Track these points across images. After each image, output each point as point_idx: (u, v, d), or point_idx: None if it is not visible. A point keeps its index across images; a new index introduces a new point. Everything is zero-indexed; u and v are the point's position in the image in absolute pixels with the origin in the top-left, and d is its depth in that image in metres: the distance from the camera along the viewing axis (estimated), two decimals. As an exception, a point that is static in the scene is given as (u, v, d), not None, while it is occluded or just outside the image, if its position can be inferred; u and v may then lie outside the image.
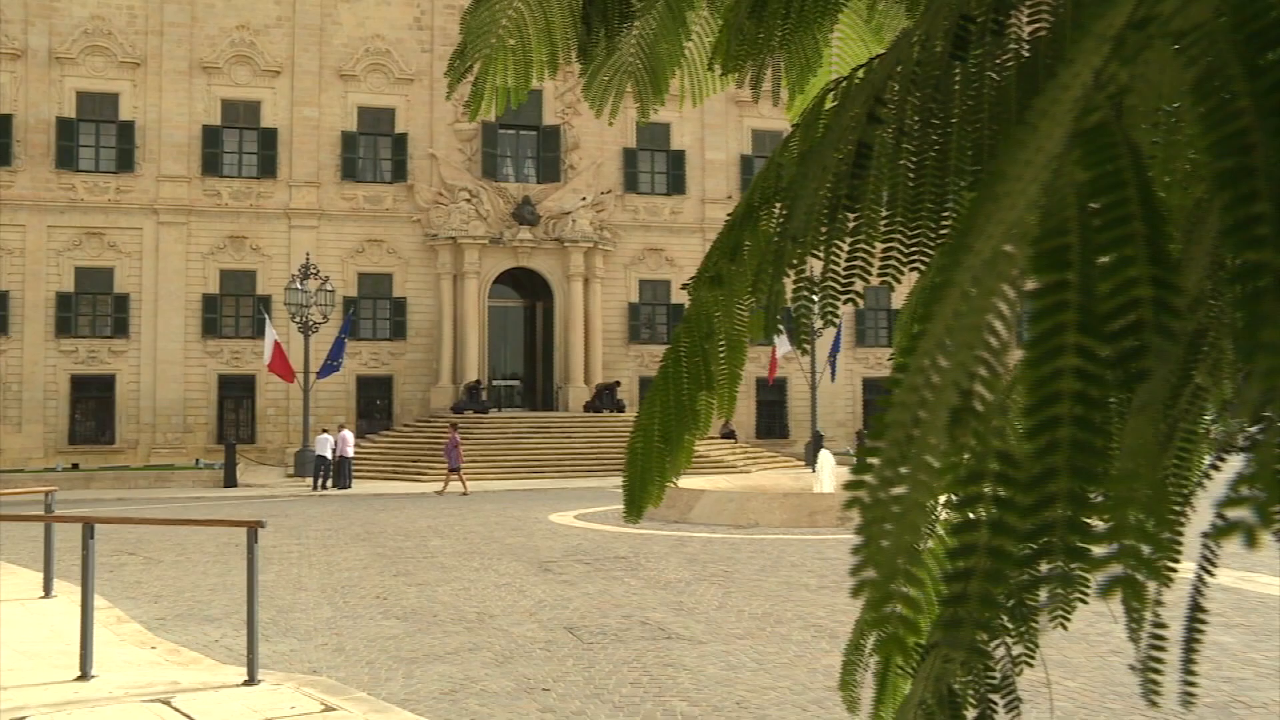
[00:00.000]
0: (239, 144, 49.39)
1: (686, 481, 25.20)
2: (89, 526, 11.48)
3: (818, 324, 2.00)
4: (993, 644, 1.94)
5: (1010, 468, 0.92)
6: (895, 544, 0.91)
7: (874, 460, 0.96)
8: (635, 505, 2.75)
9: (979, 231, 0.99)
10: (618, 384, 50.50)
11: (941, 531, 2.24)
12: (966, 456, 0.94)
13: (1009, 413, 0.92)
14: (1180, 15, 0.97)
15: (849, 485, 0.97)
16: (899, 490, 0.92)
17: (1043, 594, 1.77)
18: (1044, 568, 0.93)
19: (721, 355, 2.58)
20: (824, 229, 1.84)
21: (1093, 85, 0.98)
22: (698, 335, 2.57)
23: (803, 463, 46.66)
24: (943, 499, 1.74)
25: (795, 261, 1.94)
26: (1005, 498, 0.92)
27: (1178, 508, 1.80)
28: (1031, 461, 0.89)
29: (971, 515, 0.95)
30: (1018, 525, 0.90)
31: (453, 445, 36.99)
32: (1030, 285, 0.91)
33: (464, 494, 35.82)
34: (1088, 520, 0.89)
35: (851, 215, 1.82)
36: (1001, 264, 0.93)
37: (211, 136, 48.89)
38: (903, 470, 0.93)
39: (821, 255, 1.88)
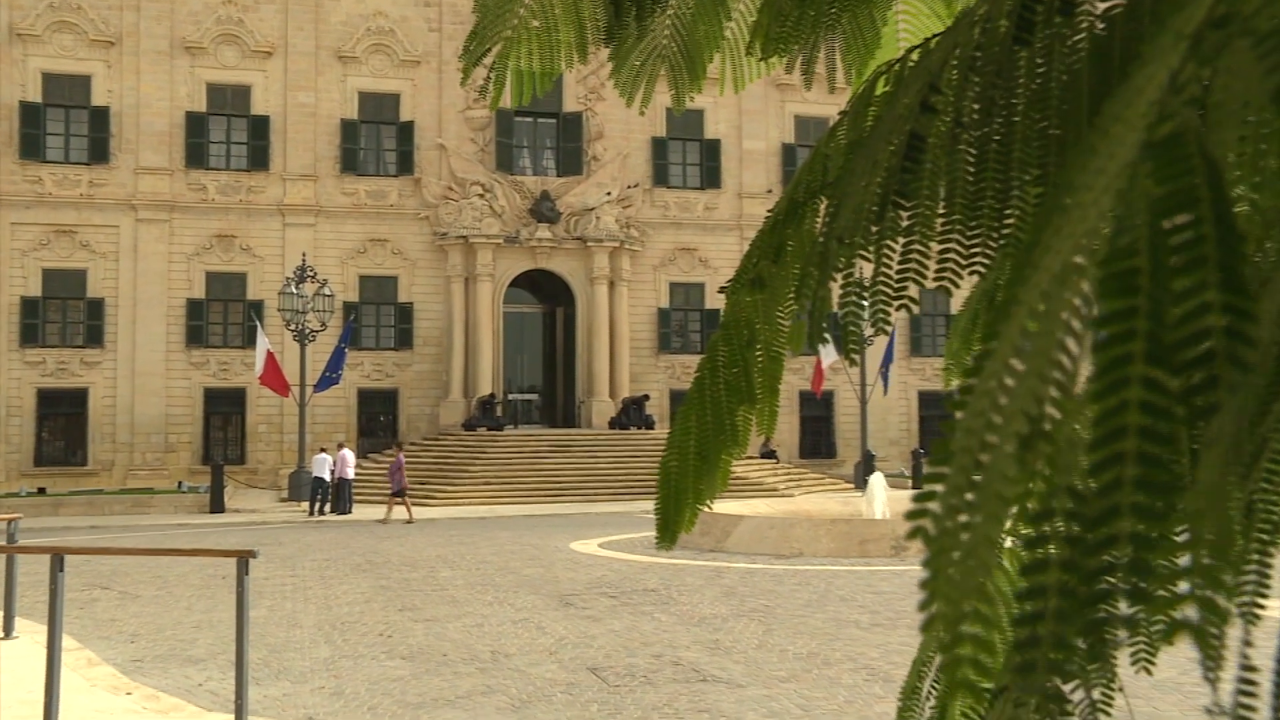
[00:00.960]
0: (227, 133, 49.55)
1: (722, 506, 25.15)
2: (58, 558, 11.51)
3: (868, 331, 2.01)
4: (1070, 687, 1.93)
5: (1078, 504, 0.93)
6: (965, 580, 0.92)
7: (938, 487, 0.98)
8: (670, 530, 2.77)
9: (1047, 245, 1.00)
10: (646, 398, 50.31)
11: (1007, 564, 2.24)
12: (1037, 488, 0.95)
13: (1078, 447, 0.93)
14: (1263, 14, 0.97)
15: (911, 515, 0.99)
16: (968, 520, 0.94)
17: (1121, 632, 1.77)
18: (1104, 611, 0.94)
19: (760, 365, 2.59)
20: (874, 228, 1.85)
21: (1168, 88, 0.99)
22: (737, 343, 2.58)
23: (851, 485, 46.52)
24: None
25: (842, 264, 1.96)
26: (1074, 535, 0.93)
27: (1266, 536, 1.79)
28: (1097, 498, 0.91)
29: (1041, 554, 0.96)
30: (1084, 564, 0.92)
31: (397, 467, 37.03)
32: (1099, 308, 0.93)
33: (409, 521, 35.80)
34: (1154, 561, 0.91)
35: (904, 214, 1.83)
36: (1072, 279, 0.95)
37: (196, 124, 49.04)
38: (970, 499, 0.95)
39: (871, 256, 1.90)
